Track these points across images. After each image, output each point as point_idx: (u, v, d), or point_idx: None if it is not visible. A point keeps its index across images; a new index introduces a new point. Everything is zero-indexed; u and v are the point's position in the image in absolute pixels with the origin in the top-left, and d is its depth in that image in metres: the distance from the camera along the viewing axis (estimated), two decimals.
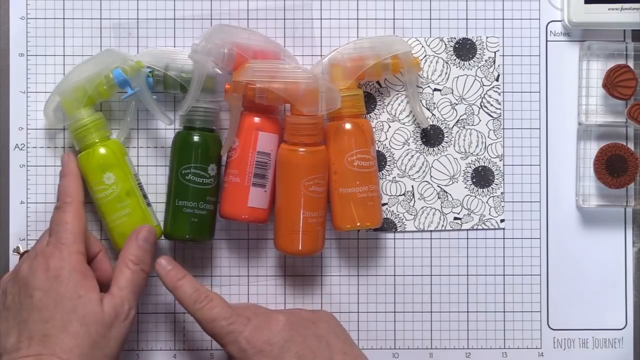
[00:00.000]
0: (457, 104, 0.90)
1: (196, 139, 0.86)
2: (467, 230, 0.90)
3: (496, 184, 0.90)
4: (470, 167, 0.90)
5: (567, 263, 0.90)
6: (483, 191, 0.90)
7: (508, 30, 0.90)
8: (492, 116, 0.90)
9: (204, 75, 0.84)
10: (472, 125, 0.90)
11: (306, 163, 0.84)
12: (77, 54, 0.89)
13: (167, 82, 0.86)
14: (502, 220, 0.90)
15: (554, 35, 0.90)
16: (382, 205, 0.90)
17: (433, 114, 0.90)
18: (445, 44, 0.90)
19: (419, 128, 0.90)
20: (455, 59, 0.90)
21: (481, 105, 0.90)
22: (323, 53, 0.90)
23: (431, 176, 0.90)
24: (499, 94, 0.90)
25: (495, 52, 0.90)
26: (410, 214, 0.90)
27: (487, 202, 0.90)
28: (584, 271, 0.90)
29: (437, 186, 0.90)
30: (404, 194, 0.90)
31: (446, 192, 0.90)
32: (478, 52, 0.90)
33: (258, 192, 0.85)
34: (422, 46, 0.90)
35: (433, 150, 0.90)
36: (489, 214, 0.90)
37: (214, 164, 0.86)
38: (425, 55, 0.90)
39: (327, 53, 0.88)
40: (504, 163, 0.90)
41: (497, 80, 0.90)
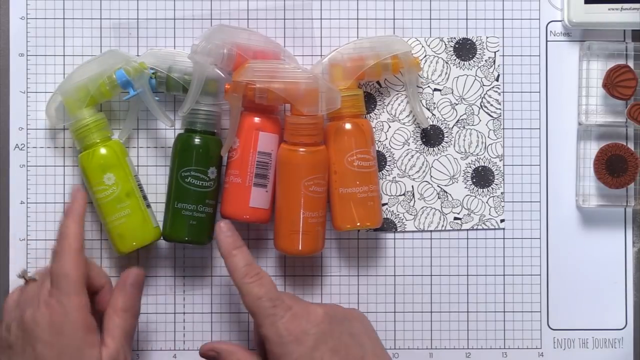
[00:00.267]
0: (457, 104, 0.90)
1: (197, 142, 0.86)
2: (467, 230, 0.90)
3: (496, 184, 0.90)
4: (470, 167, 0.90)
5: (567, 263, 0.90)
6: (483, 191, 0.90)
7: (508, 30, 0.90)
8: (492, 116, 0.90)
9: (204, 75, 0.84)
10: (472, 125, 0.90)
11: (306, 163, 0.84)
12: (77, 54, 0.89)
13: (170, 84, 0.86)
14: (502, 220, 0.90)
15: (554, 35, 0.90)
16: (382, 205, 0.90)
17: (433, 114, 0.90)
18: (445, 44, 0.90)
19: (419, 128, 0.90)
20: (455, 59, 0.90)
21: (481, 105, 0.90)
22: (323, 53, 0.90)
23: (431, 176, 0.90)
24: (499, 94, 0.90)
25: (495, 52, 0.90)
26: (410, 214, 0.90)
27: (487, 202, 0.90)
28: (584, 271, 0.90)
29: (437, 186, 0.90)
30: (404, 194, 0.90)
31: (446, 192, 0.90)
32: (478, 52, 0.90)
33: (259, 192, 0.85)
34: (422, 46, 0.90)
35: (433, 150, 0.90)
36: (489, 214, 0.90)
37: (214, 167, 0.86)
38: (425, 55, 0.90)
39: (327, 53, 0.88)
40: (504, 163, 0.90)
41: (497, 80, 0.90)
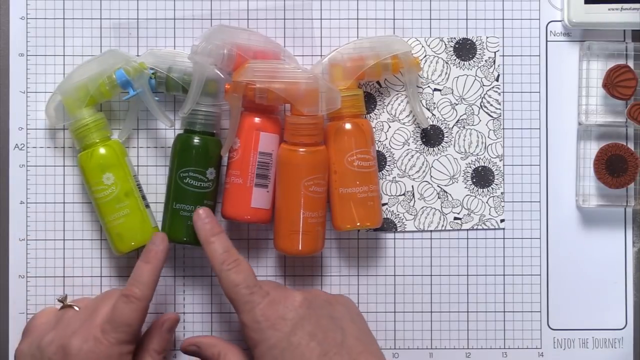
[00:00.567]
0: (457, 104, 0.90)
1: (196, 142, 0.86)
2: (467, 230, 0.90)
3: (496, 184, 0.90)
4: (470, 167, 0.90)
5: (567, 263, 0.90)
6: (483, 191, 0.90)
7: (508, 30, 0.90)
8: (492, 116, 0.90)
9: (204, 76, 0.84)
10: (472, 125, 0.90)
11: (306, 163, 0.84)
12: (77, 54, 0.89)
13: (170, 84, 0.86)
14: (502, 220, 0.90)
15: (554, 35, 0.90)
16: (382, 205, 0.90)
17: (433, 114, 0.90)
18: (445, 44, 0.90)
19: (419, 128, 0.90)
20: (455, 59, 0.90)
21: (481, 105, 0.90)
22: (323, 53, 0.90)
23: (431, 176, 0.90)
24: (499, 94, 0.90)
25: (495, 52, 0.90)
26: (410, 214, 0.90)
27: (487, 202, 0.90)
28: (584, 271, 0.90)
29: (437, 186, 0.90)
30: (404, 194, 0.90)
31: (446, 192, 0.90)
32: (478, 52, 0.90)
33: (260, 193, 0.85)
34: (422, 46, 0.90)
35: (433, 150, 0.90)
36: (489, 214, 0.90)
37: (212, 168, 0.86)
38: (425, 55, 0.90)
39: (327, 53, 0.88)
40: (504, 163, 0.90)
41: (497, 80, 0.90)
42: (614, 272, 0.90)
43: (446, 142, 0.90)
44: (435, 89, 0.90)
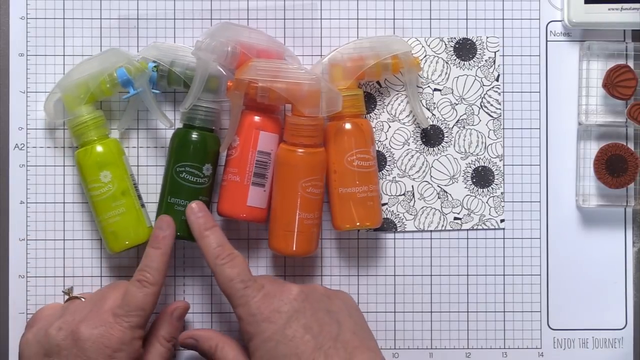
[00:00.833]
0: (457, 104, 0.90)
1: (194, 138, 0.85)
2: (467, 230, 0.90)
3: (496, 184, 0.90)
4: (470, 167, 0.90)
5: (567, 263, 0.90)
6: (483, 191, 0.90)
7: (508, 30, 0.90)
8: (492, 116, 0.90)
9: (206, 72, 0.84)
10: (472, 125, 0.90)
11: (304, 164, 0.84)
12: (77, 54, 0.89)
13: (171, 78, 0.86)
14: (502, 220, 0.90)
15: (554, 35, 0.90)
16: (382, 205, 0.90)
17: (433, 114, 0.90)
18: (445, 44, 0.90)
19: (419, 128, 0.90)
20: (455, 59, 0.90)
21: (481, 105, 0.90)
22: (323, 53, 0.90)
23: (431, 176, 0.90)
24: (499, 94, 0.90)
25: (495, 52, 0.90)
26: (410, 214, 0.90)
27: (487, 202, 0.90)
28: (584, 271, 0.90)
29: (437, 186, 0.90)
30: (404, 194, 0.90)
31: (446, 192, 0.90)
32: (478, 52, 0.90)
33: (257, 192, 0.85)
34: (422, 46, 0.90)
35: (433, 150, 0.90)
36: (489, 214, 0.90)
37: (209, 164, 0.86)
38: (425, 55, 0.90)
39: (327, 53, 0.88)
40: (504, 163, 0.90)
41: (497, 80, 0.90)
42: (614, 272, 0.90)
43: (446, 142, 0.90)
44: (435, 89, 0.90)
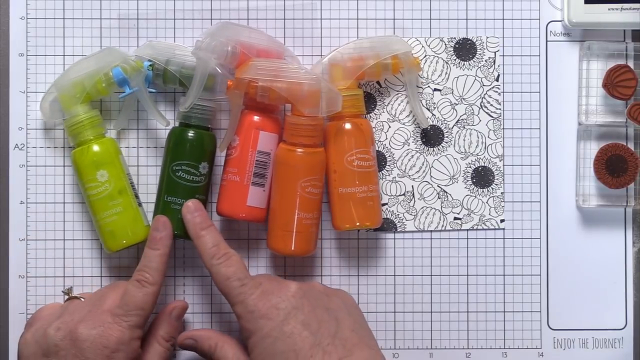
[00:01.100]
0: (457, 104, 0.90)
1: (190, 136, 0.85)
2: (467, 230, 0.90)
3: (496, 184, 0.90)
4: (470, 167, 0.90)
5: (567, 263, 0.90)
6: (483, 191, 0.90)
7: (508, 30, 0.90)
8: (492, 116, 0.90)
9: (206, 72, 0.84)
10: (472, 125, 0.90)
11: (304, 164, 0.84)
12: (77, 54, 0.89)
13: (167, 77, 0.86)
14: (502, 220, 0.90)
15: (554, 35, 0.90)
16: (382, 205, 0.90)
17: (433, 114, 0.90)
18: (445, 44, 0.90)
19: (419, 128, 0.90)
20: (455, 59, 0.90)
21: (481, 105, 0.90)
22: (323, 53, 0.90)
23: (431, 176, 0.90)
24: (499, 94, 0.90)
25: (495, 52, 0.90)
26: (410, 214, 0.90)
27: (487, 202, 0.90)
28: (584, 271, 0.90)
29: (437, 186, 0.90)
30: (404, 194, 0.90)
31: (446, 192, 0.90)
32: (478, 52, 0.90)
33: (257, 192, 0.85)
34: (422, 46, 0.90)
35: (433, 150, 0.90)
36: (489, 214, 0.90)
37: (205, 162, 0.86)
38: (425, 55, 0.90)
39: (327, 53, 0.88)
40: (504, 163, 0.90)
41: (497, 80, 0.90)
42: (614, 272, 0.90)
43: (446, 142, 0.90)
44: (435, 89, 0.90)
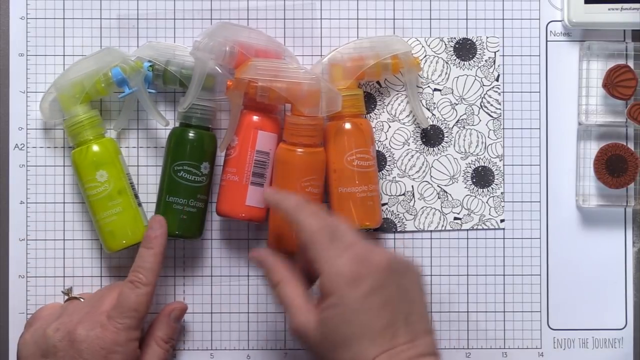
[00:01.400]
0: (457, 104, 0.90)
1: (191, 136, 0.85)
2: (467, 230, 0.90)
3: (496, 184, 0.90)
4: (470, 167, 0.90)
5: (567, 263, 0.90)
6: (483, 191, 0.90)
7: (508, 30, 0.90)
8: (492, 116, 0.90)
9: (205, 72, 0.84)
10: (472, 125, 0.90)
11: (304, 164, 0.84)
12: (77, 54, 0.89)
13: (167, 77, 0.86)
14: (502, 220, 0.90)
15: (554, 35, 0.90)
16: (382, 205, 0.90)
17: (433, 114, 0.90)
18: (445, 44, 0.90)
19: (419, 128, 0.90)
20: (455, 59, 0.90)
21: (481, 105, 0.90)
22: (323, 53, 0.89)
23: (431, 176, 0.90)
24: (499, 94, 0.90)
25: (495, 52, 0.90)
26: (410, 214, 0.90)
27: (487, 202, 0.90)
28: (584, 271, 0.90)
29: (437, 186, 0.90)
30: (404, 194, 0.90)
31: (446, 192, 0.90)
32: (478, 52, 0.90)
33: (256, 191, 0.85)
34: (422, 46, 0.90)
35: (433, 150, 0.90)
36: (489, 214, 0.90)
37: (207, 162, 0.86)
38: (425, 55, 0.90)
39: (327, 53, 0.88)
40: (504, 163, 0.90)
41: (497, 80, 0.90)
42: (614, 272, 0.90)
43: (446, 142, 0.90)
44: (435, 89, 0.90)
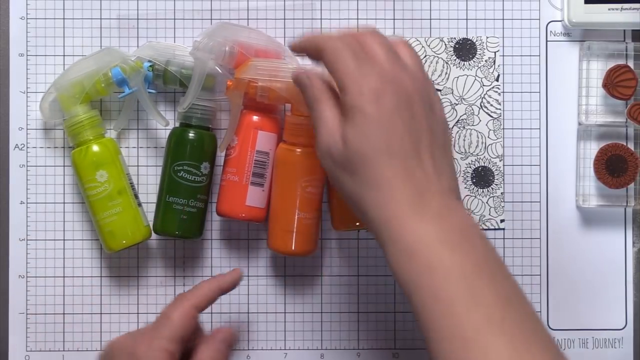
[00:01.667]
0: (457, 104, 0.90)
1: (191, 136, 0.86)
2: None
3: (496, 184, 0.90)
4: (470, 167, 0.90)
5: (567, 263, 0.90)
6: (483, 191, 0.90)
7: (508, 30, 0.90)
8: (492, 116, 0.90)
9: (204, 72, 0.84)
10: (472, 126, 0.90)
11: (304, 164, 0.84)
12: (77, 54, 0.89)
13: (167, 77, 0.86)
14: (502, 221, 0.90)
15: (554, 35, 0.90)
16: None
17: None
18: (445, 44, 0.90)
19: None
20: (455, 59, 0.90)
21: (481, 106, 0.90)
22: None
23: None
24: (499, 94, 0.90)
25: (495, 52, 0.90)
26: None
27: (487, 202, 0.90)
28: (584, 271, 0.90)
29: None
30: None
31: None
32: (478, 52, 0.90)
33: (256, 191, 0.85)
34: (422, 46, 0.90)
35: None
36: (489, 214, 0.90)
37: (207, 162, 0.86)
38: (425, 55, 0.90)
39: None
40: (504, 163, 0.90)
41: (497, 80, 0.90)
42: (614, 272, 0.90)
43: None
44: (436, 89, 0.90)
